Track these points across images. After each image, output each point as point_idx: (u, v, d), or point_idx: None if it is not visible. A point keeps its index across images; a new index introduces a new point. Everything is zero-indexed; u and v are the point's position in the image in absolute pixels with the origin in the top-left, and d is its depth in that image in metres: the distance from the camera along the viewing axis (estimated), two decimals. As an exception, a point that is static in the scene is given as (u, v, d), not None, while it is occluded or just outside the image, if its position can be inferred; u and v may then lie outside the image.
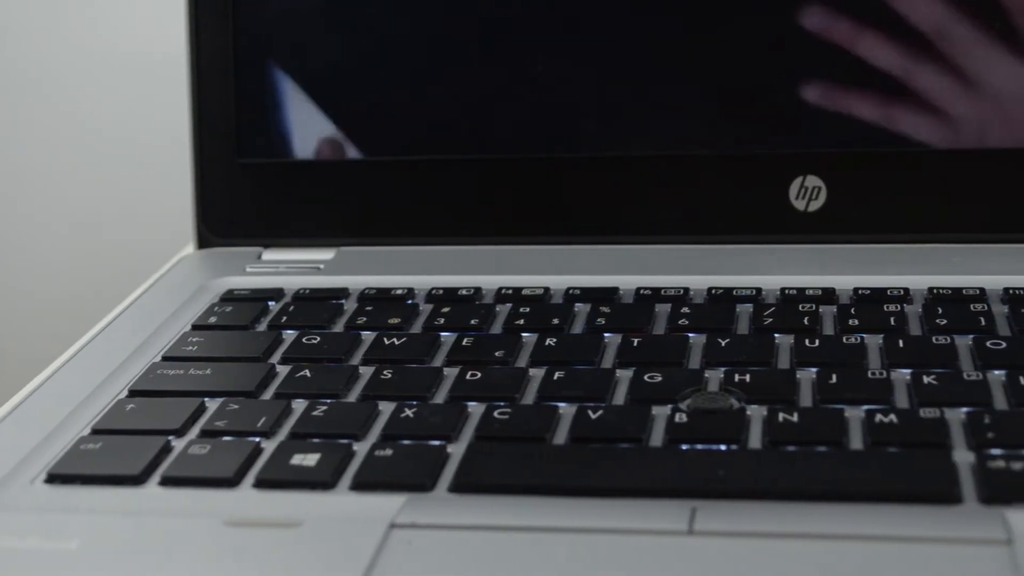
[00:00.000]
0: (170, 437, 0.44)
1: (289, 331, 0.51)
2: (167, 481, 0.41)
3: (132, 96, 0.90)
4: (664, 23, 0.58)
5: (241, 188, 0.60)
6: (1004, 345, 0.46)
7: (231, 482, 0.41)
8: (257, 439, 0.43)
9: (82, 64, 0.90)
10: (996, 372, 0.44)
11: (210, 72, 0.60)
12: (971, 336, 0.47)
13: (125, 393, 0.47)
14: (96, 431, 0.44)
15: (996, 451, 0.40)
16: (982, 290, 0.51)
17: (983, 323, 0.48)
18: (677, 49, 0.58)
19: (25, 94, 0.91)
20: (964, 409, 0.42)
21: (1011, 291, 0.51)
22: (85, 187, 0.92)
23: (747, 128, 0.57)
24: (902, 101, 0.56)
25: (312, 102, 0.60)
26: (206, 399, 0.46)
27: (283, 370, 0.48)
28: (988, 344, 0.46)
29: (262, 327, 0.52)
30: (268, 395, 0.47)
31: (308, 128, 0.60)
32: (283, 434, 0.44)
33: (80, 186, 0.92)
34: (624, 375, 0.46)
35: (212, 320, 0.53)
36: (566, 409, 0.44)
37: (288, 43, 0.60)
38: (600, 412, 0.43)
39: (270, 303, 0.54)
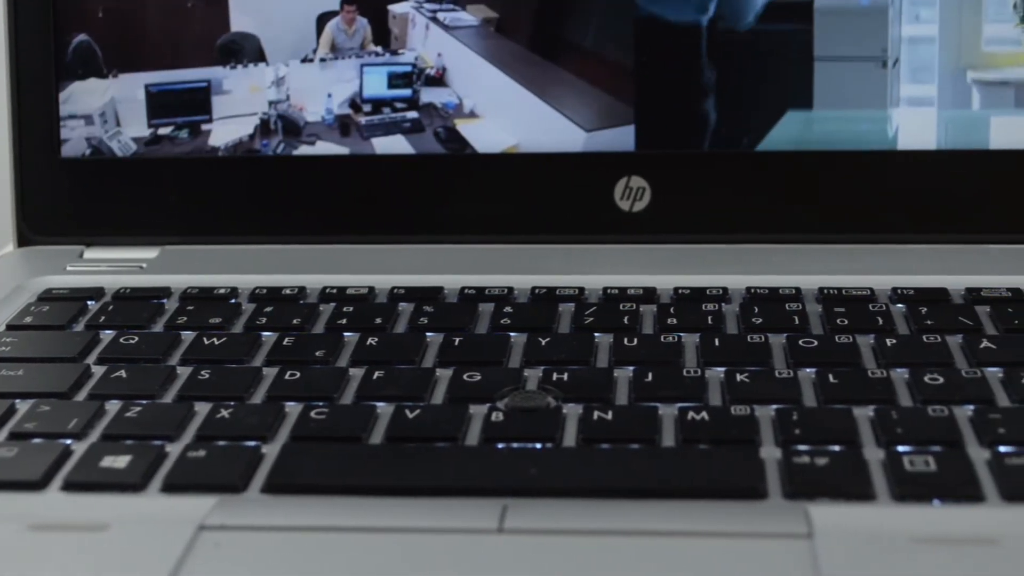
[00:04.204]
0: (-23, 440, 0.43)
1: (107, 331, 0.51)
2: (-29, 485, 0.40)
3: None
4: (483, 19, 0.58)
5: (62, 185, 0.59)
6: (816, 344, 0.47)
7: (38, 485, 0.40)
8: (68, 441, 0.42)
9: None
10: (807, 370, 0.45)
11: (30, 66, 0.58)
12: (785, 335, 0.48)
13: (-68, 395, 0.46)
14: (-101, 434, 0.43)
15: (802, 447, 0.40)
16: (798, 290, 0.52)
17: (797, 322, 0.49)
18: (505, 47, 0.58)
19: None
20: (774, 406, 0.43)
21: (825, 291, 0.52)
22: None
23: (571, 128, 0.58)
24: (723, 104, 0.57)
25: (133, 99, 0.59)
26: (17, 401, 0.45)
27: (99, 371, 0.47)
28: (800, 343, 0.47)
29: (79, 327, 0.51)
30: (81, 396, 0.46)
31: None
32: (95, 436, 0.43)
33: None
34: (444, 374, 0.46)
35: (28, 320, 0.52)
36: (384, 409, 0.44)
37: (109, 38, 0.59)
38: (417, 411, 0.43)
39: (89, 302, 0.53)
